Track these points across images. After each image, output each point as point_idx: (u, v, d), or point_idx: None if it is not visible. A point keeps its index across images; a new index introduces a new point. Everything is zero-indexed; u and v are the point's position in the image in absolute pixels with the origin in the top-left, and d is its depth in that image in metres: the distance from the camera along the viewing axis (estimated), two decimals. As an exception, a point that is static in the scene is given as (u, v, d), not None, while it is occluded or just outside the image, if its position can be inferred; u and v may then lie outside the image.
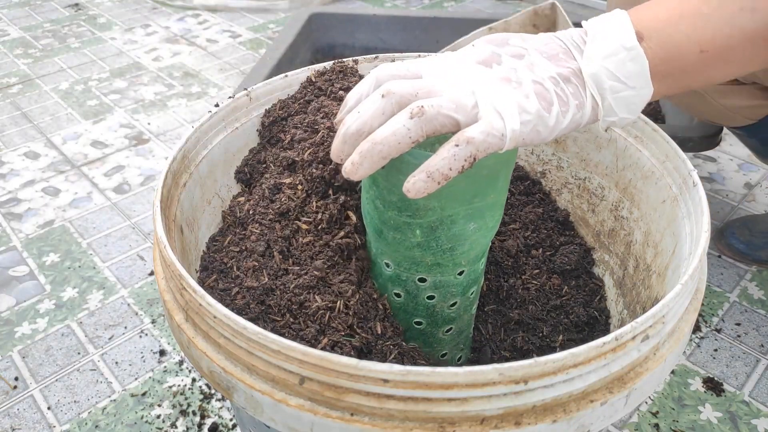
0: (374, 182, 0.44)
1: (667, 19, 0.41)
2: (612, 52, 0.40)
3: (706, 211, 0.43)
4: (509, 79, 0.38)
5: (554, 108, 0.38)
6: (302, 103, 0.58)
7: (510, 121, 0.36)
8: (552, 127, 0.38)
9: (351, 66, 0.61)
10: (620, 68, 0.40)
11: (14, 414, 0.73)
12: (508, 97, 0.37)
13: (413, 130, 0.36)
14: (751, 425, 0.70)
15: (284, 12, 1.82)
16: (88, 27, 1.74)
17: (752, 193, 1.06)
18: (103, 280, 0.91)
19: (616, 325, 0.57)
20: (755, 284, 0.89)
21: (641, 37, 0.40)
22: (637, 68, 0.40)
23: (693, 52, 0.41)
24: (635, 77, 0.40)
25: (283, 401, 0.35)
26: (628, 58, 0.40)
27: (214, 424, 0.71)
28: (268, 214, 0.51)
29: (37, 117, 1.32)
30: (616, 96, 0.40)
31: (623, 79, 0.40)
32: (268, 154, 0.57)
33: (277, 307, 0.45)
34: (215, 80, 1.46)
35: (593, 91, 0.40)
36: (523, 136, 0.37)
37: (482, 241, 0.46)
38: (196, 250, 0.52)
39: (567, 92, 0.39)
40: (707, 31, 0.41)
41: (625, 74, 0.40)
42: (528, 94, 0.38)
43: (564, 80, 0.39)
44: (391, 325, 0.47)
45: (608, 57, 0.40)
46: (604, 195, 0.60)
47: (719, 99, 0.77)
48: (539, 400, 0.33)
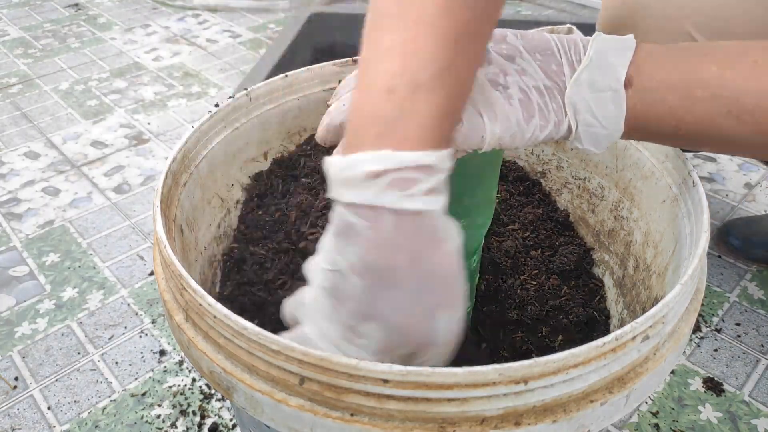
0: None
1: (662, 79, 0.39)
2: (599, 89, 0.39)
3: (706, 211, 0.43)
4: (497, 82, 0.38)
5: (534, 120, 0.38)
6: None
7: (490, 124, 0.37)
8: (528, 138, 0.39)
9: None
10: (600, 107, 0.39)
11: (14, 414, 0.73)
12: (492, 99, 0.37)
13: None
14: (751, 425, 0.70)
15: (284, 12, 1.82)
16: (88, 27, 1.74)
17: (752, 193, 1.06)
18: (103, 280, 0.91)
19: (616, 325, 0.57)
20: (755, 284, 0.89)
21: (630, 82, 0.39)
22: (614, 112, 0.39)
23: (669, 126, 0.40)
24: (610, 120, 0.39)
25: (283, 401, 0.35)
26: (611, 100, 0.39)
27: (214, 424, 0.71)
28: None
29: (37, 117, 1.32)
30: (587, 130, 0.40)
31: (600, 118, 0.39)
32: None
33: None
34: (215, 80, 1.46)
35: (570, 117, 0.40)
36: (501, 141, 0.38)
37: (472, 238, 0.46)
38: (196, 250, 0.52)
39: (550, 107, 0.39)
40: (690, 116, 0.39)
41: (603, 115, 0.39)
42: (513, 102, 0.38)
43: (549, 94, 0.39)
44: None
45: (595, 92, 0.39)
46: (603, 195, 0.60)
47: None
48: (539, 401, 0.33)
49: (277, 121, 0.61)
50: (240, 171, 0.59)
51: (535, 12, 1.78)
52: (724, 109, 0.38)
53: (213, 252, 0.55)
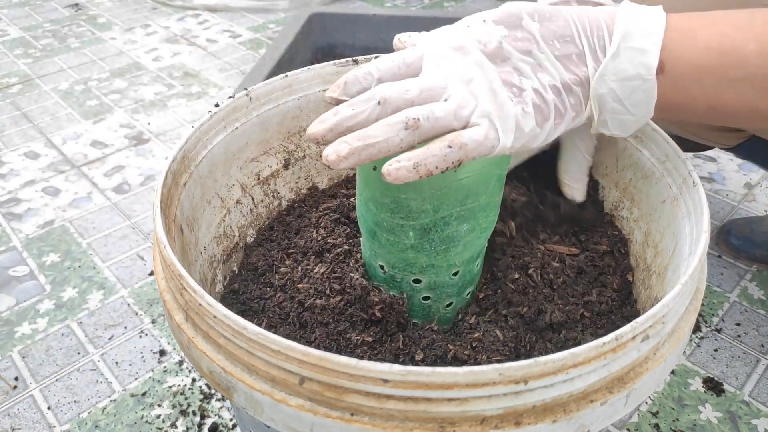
0: (367, 184, 0.44)
1: (696, 63, 0.38)
2: (627, 78, 0.38)
3: (706, 211, 0.43)
4: (512, 84, 0.37)
5: (548, 123, 0.38)
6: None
7: (504, 137, 0.36)
8: (540, 141, 0.38)
9: None
10: (629, 95, 0.38)
11: (14, 414, 0.73)
12: (507, 110, 0.37)
13: (405, 141, 0.36)
14: (751, 425, 0.70)
15: (284, 12, 1.82)
16: (88, 27, 1.74)
17: (752, 193, 1.06)
18: (103, 280, 0.91)
19: (616, 325, 0.57)
20: (755, 284, 0.89)
21: (662, 69, 0.38)
22: (644, 99, 0.38)
23: (702, 105, 0.39)
24: (640, 106, 0.39)
25: (283, 401, 0.35)
26: (641, 88, 0.38)
27: (214, 424, 0.71)
28: None
29: (37, 117, 1.32)
30: (614, 116, 0.39)
31: (628, 106, 0.38)
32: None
33: None
34: (215, 80, 1.46)
35: (594, 108, 0.39)
36: (514, 149, 0.37)
37: (476, 242, 0.46)
38: (196, 250, 0.53)
39: (567, 103, 0.38)
40: (726, 96, 0.38)
41: (632, 102, 0.38)
42: (527, 108, 0.37)
43: (567, 90, 0.38)
44: None
45: (622, 81, 0.38)
46: (604, 195, 0.60)
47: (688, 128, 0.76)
48: (539, 400, 0.33)
49: (277, 121, 0.61)
50: (240, 171, 0.59)
51: (535, 12, 1.78)
52: (763, 87, 0.37)
53: (213, 252, 0.55)
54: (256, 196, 0.61)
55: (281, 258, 0.56)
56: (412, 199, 0.41)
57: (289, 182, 0.64)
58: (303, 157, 0.64)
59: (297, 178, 0.64)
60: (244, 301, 0.52)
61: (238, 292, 0.54)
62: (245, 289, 0.54)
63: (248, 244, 0.60)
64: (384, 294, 0.48)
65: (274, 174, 0.62)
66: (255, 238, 0.61)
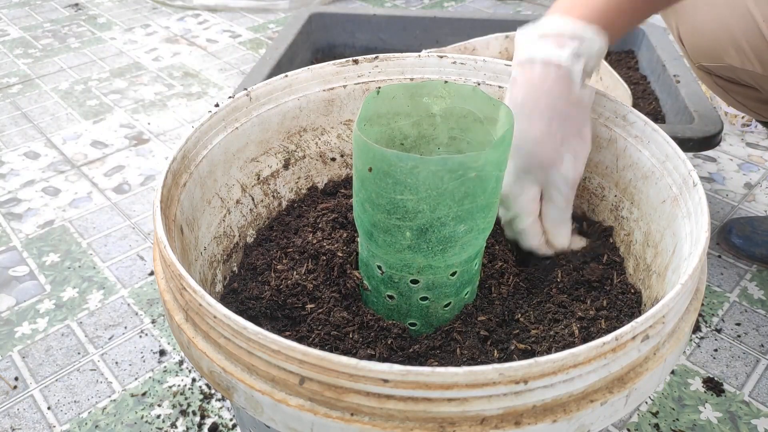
0: (363, 185, 0.43)
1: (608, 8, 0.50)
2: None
3: (706, 211, 0.43)
4: None
5: None
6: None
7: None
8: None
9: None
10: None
11: (14, 414, 0.73)
12: None
13: None
14: (751, 425, 0.70)
15: (284, 12, 1.82)
16: (88, 27, 1.74)
17: (752, 193, 1.06)
18: (103, 280, 0.91)
19: (616, 325, 0.57)
20: (755, 284, 0.89)
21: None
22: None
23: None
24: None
25: (283, 401, 0.35)
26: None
27: (214, 424, 0.71)
28: None
29: (37, 117, 1.32)
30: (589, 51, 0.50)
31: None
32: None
33: None
34: (215, 80, 1.46)
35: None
36: None
37: (474, 242, 0.45)
38: (196, 250, 0.53)
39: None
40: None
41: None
42: None
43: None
44: None
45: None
46: (604, 195, 0.60)
47: None
48: (539, 400, 0.33)
49: (277, 121, 0.61)
50: (240, 171, 0.59)
51: (536, 12, 1.78)
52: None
53: (213, 252, 0.55)
54: (256, 196, 0.61)
55: (279, 257, 0.56)
56: (409, 200, 0.41)
57: (289, 182, 0.64)
58: (303, 157, 0.64)
59: (297, 178, 0.64)
60: (242, 300, 0.52)
61: (237, 292, 0.54)
62: (244, 288, 0.54)
63: (248, 244, 0.60)
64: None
65: (274, 174, 0.62)
66: (255, 238, 0.61)
